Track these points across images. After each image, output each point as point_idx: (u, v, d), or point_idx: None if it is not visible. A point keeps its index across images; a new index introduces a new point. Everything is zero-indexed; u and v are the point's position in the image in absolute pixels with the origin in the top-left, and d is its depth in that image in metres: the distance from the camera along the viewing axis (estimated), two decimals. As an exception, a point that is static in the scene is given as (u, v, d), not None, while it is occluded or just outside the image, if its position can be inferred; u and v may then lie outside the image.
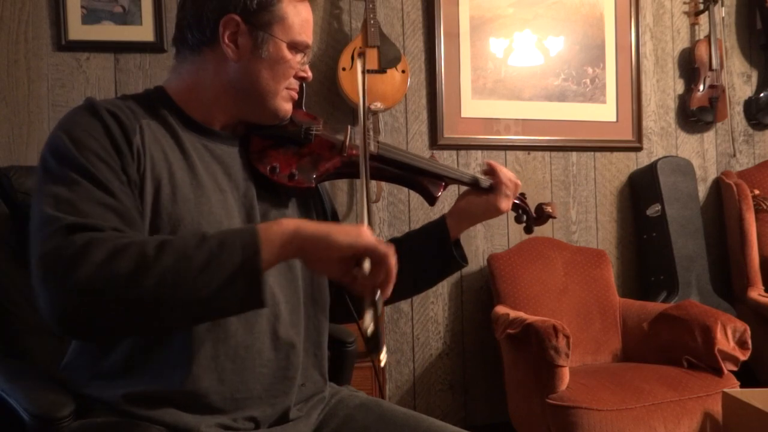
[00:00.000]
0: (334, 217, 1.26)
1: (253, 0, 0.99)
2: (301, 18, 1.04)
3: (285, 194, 1.08)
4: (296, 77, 1.06)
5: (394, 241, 1.23)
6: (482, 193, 1.21)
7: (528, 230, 1.36)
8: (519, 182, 1.24)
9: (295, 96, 1.08)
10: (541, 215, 1.34)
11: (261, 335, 0.98)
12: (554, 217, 1.34)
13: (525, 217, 1.35)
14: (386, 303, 0.94)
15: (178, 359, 0.93)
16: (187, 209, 0.94)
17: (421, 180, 1.18)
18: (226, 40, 1.00)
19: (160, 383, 0.93)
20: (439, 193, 1.19)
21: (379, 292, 0.88)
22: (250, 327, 0.97)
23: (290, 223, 0.86)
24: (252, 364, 0.98)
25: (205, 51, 1.02)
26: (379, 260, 0.85)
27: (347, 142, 1.10)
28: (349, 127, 1.12)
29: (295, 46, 1.03)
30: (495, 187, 1.20)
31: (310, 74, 1.09)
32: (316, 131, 1.10)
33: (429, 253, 1.21)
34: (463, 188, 1.25)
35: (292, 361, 1.02)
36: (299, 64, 1.05)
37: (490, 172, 1.22)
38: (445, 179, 1.20)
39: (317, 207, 1.18)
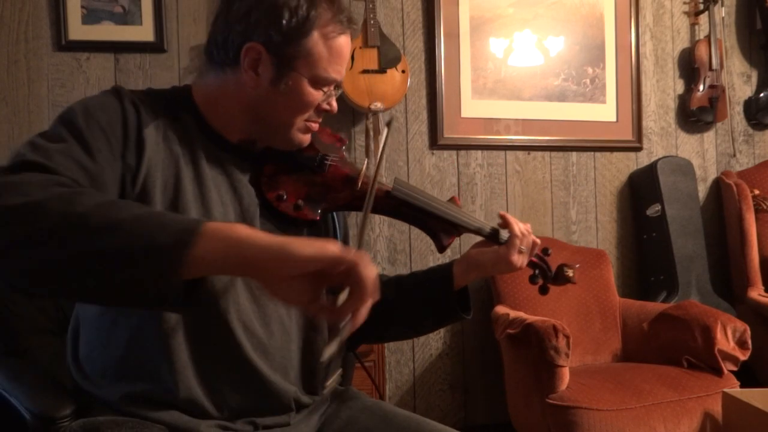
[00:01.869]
0: (345, 242, 1.20)
1: (280, 32, 0.95)
2: (332, 54, 0.99)
3: (288, 223, 1.05)
4: (318, 110, 1.02)
5: (396, 280, 1.20)
6: (494, 245, 1.13)
7: (543, 291, 1.23)
8: (536, 239, 1.15)
9: (315, 128, 1.04)
10: (560, 277, 1.21)
11: (250, 353, 0.96)
12: (573, 283, 1.20)
13: (541, 278, 1.22)
14: (379, 342, 0.88)
15: (170, 368, 0.92)
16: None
17: (434, 226, 1.12)
18: (246, 67, 0.97)
19: (158, 386, 0.93)
20: (449, 242, 1.12)
21: (350, 317, 0.76)
22: (236, 344, 0.95)
23: (243, 229, 0.73)
24: (245, 379, 0.97)
25: (228, 71, 1.00)
26: (352, 278, 0.73)
27: (361, 178, 1.06)
28: (366, 161, 1.10)
29: (319, 82, 0.99)
30: (508, 240, 1.12)
31: (335, 107, 1.04)
32: (331, 162, 1.07)
33: (429, 298, 1.15)
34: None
35: (286, 378, 1.01)
36: (322, 97, 1.01)
37: (502, 223, 1.14)
38: (459, 228, 1.13)
39: (327, 234, 1.13)
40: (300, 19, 0.95)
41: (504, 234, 1.14)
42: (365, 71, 2.51)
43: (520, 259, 1.12)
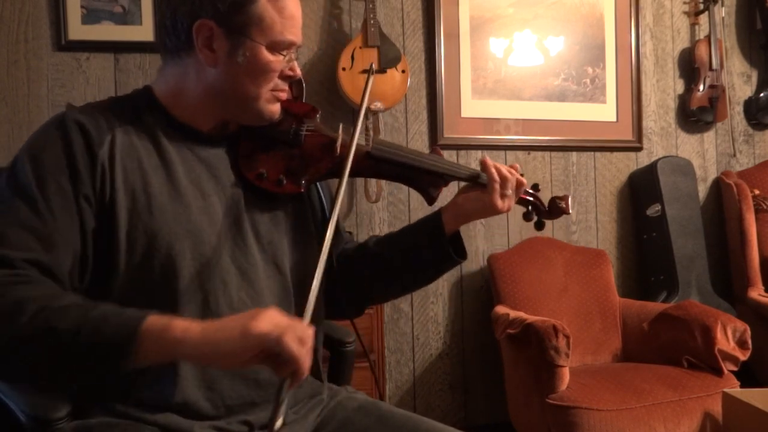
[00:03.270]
0: (332, 209, 1.21)
1: (226, 2, 0.94)
2: (283, 15, 0.97)
3: (275, 199, 1.05)
4: (282, 77, 1.01)
5: (389, 236, 1.21)
6: (479, 190, 1.13)
7: (539, 226, 1.23)
8: (520, 178, 1.15)
9: (283, 96, 1.03)
10: (554, 209, 1.22)
11: None
12: (568, 213, 1.21)
13: (535, 214, 1.23)
14: (386, 300, 0.92)
15: (166, 369, 0.92)
16: (163, 220, 0.93)
17: (419, 179, 1.13)
18: (200, 46, 0.96)
19: (153, 390, 0.93)
20: (437, 193, 1.13)
21: (287, 383, 0.80)
22: None
23: (178, 328, 0.79)
24: (242, 371, 0.97)
25: (183, 56, 0.99)
26: (276, 353, 0.79)
27: (339, 142, 1.07)
28: (341, 125, 1.10)
29: (276, 47, 0.98)
30: (487, 184, 1.12)
31: (298, 72, 1.03)
32: (306, 131, 1.06)
33: (423, 248, 1.15)
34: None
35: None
36: (284, 62, 1.00)
37: (482, 169, 1.14)
38: (445, 177, 1.13)
39: (312, 206, 1.15)
40: None
41: (483, 177, 1.14)
42: (365, 71, 2.51)
43: (505, 203, 1.12)
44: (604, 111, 2.93)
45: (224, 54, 0.97)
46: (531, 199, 1.23)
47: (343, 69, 2.50)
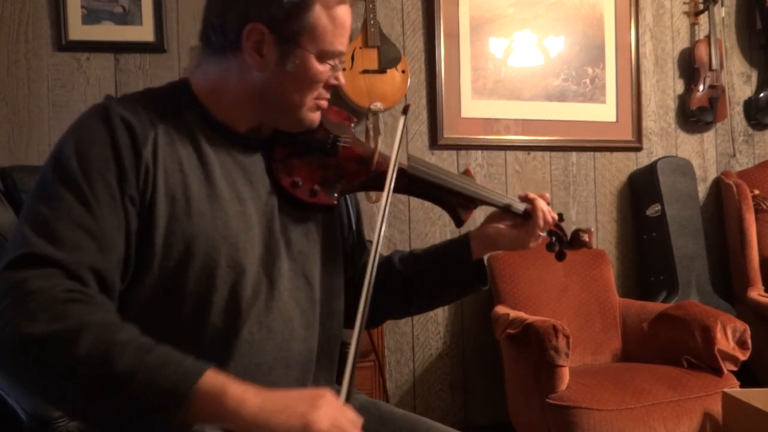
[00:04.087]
0: (358, 220, 1.19)
1: (281, 8, 0.91)
2: (335, 25, 0.95)
3: (306, 209, 1.03)
4: (326, 86, 1.00)
5: (414, 256, 1.19)
6: (514, 224, 1.14)
7: (560, 256, 1.24)
8: (554, 215, 1.16)
9: (324, 105, 1.02)
10: (576, 242, 1.22)
11: (273, 352, 0.96)
12: (589, 247, 1.22)
13: (558, 244, 1.23)
14: (402, 317, 0.90)
15: None
16: (201, 225, 0.91)
17: (451, 201, 1.12)
18: (249, 50, 0.93)
19: None
20: (467, 216, 1.13)
21: None
22: (261, 345, 0.94)
23: (232, 398, 0.74)
24: (262, 381, 0.96)
25: (229, 55, 0.96)
26: None
27: (376, 157, 1.04)
28: (379, 140, 1.09)
29: (326, 56, 0.96)
30: (530, 224, 1.13)
31: (343, 81, 1.02)
32: (344, 143, 1.04)
33: (448, 274, 1.15)
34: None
35: (304, 376, 1.01)
36: (330, 72, 0.98)
37: (527, 201, 1.14)
38: (476, 202, 1.13)
39: (341, 217, 1.13)
40: None
41: (517, 206, 1.14)
42: (365, 71, 2.51)
43: (538, 241, 1.14)
44: (604, 111, 2.93)
45: (273, 60, 0.94)
46: (555, 230, 1.23)
47: (344, 69, 2.49)
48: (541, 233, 1.13)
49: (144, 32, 2.46)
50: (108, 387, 0.73)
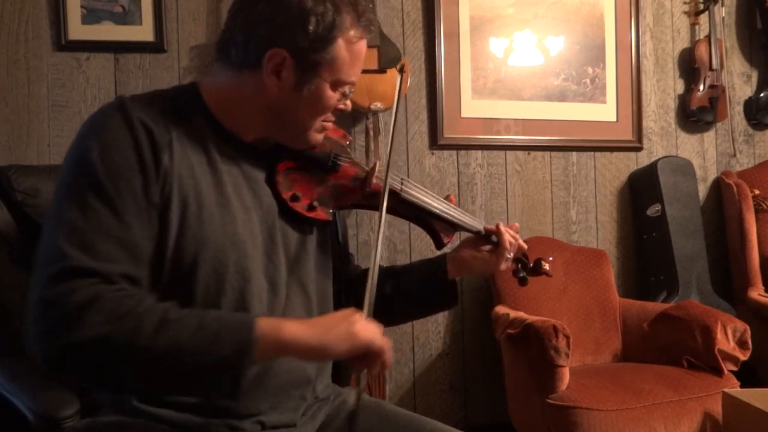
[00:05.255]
0: (344, 238, 1.27)
1: (307, 38, 0.94)
2: (353, 57, 0.99)
3: (303, 222, 1.06)
4: (334, 111, 1.03)
5: (393, 272, 1.24)
6: (486, 249, 1.24)
7: (522, 281, 1.36)
8: (523, 245, 1.27)
9: (329, 127, 1.06)
10: (538, 270, 1.35)
11: (279, 360, 0.97)
12: (549, 276, 1.36)
13: (523, 271, 1.35)
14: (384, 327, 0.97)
15: None
16: (212, 230, 0.92)
17: (435, 225, 1.20)
18: (269, 72, 0.95)
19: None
20: (449, 241, 1.21)
21: (366, 372, 0.93)
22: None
23: (288, 331, 0.85)
24: (263, 381, 0.97)
25: (246, 71, 0.97)
26: (375, 356, 0.90)
27: (373, 178, 1.09)
28: (377, 161, 1.12)
29: (339, 85, 1.00)
30: (498, 249, 1.22)
31: (349, 106, 1.06)
32: (343, 162, 1.08)
33: (423, 292, 1.23)
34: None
35: (304, 376, 1.03)
36: (340, 98, 1.02)
37: (495, 233, 1.23)
38: (458, 228, 1.22)
39: (332, 232, 1.18)
40: (327, 26, 0.94)
41: (495, 238, 1.24)
42: (365, 71, 2.51)
43: (507, 264, 1.25)
44: (604, 111, 2.93)
45: (290, 84, 0.97)
46: (521, 257, 1.35)
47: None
48: (509, 256, 1.23)
49: (144, 32, 2.46)
50: (183, 359, 0.80)
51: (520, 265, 1.34)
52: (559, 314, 2.47)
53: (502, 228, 1.22)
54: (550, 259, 1.39)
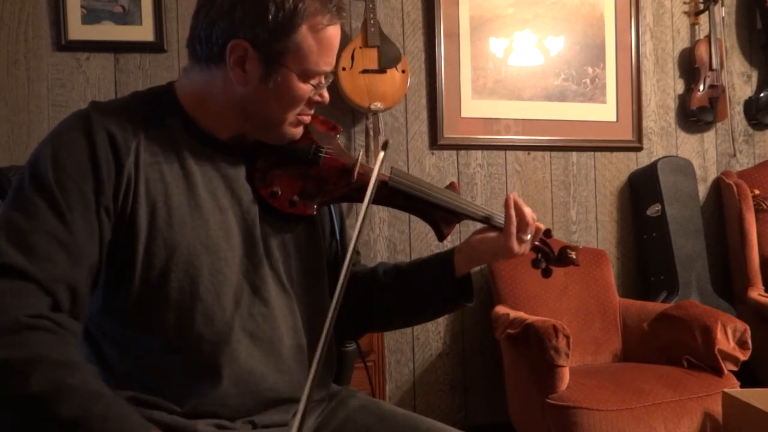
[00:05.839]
0: (342, 230, 1.18)
1: (266, 28, 0.91)
2: (321, 46, 0.95)
3: (286, 219, 1.03)
4: (309, 103, 1.00)
5: (399, 270, 1.18)
6: (495, 232, 1.11)
7: (546, 273, 1.22)
8: (539, 225, 1.12)
9: (307, 120, 1.02)
10: (563, 259, 1.20)
11: (262, 359, 0.98)
12: (576, 265, 1.19)
13: (545, 261, 1.21)
14: (386, 330, 0.90)
15: (182, 382, 0.93)
16: (182, 234, 0.92)
17: (433, 215, 1.11)
18: (232, 64, 0.93)
19: (170, 395, 0.93)
20: (449, 231, 1.11)
21: None
22: (249, 352, 0.96)
23: None
24: (255, 388, 0.97)
25: (212, 66, 0.96)
26: None
27: (357, 168, 1.04)
28: (360, 151, 1.09)
29: (308, 75, 0.96)
30: (504, 226, 1.09)
31: (326, 98, 1.02)
32: (325, 153, 1.04)
33: (431, 289, 1.13)
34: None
35: (295, 385, 1.02)
36: (314, 89, 0.98)
37: (505, 205, 1.10)
38: (458, 215, 1.12)
39: (323, 227, 1.13)
40: (287, 14, 0.91)
41: (498, 218, 1.12)
42: (365, 71, 2.51)
43: (521, 247, 1.09)
44: (604, 111, 2.93)
45: (256, 77, 0.94)
46: (541, 246, 1.21)
47: (343, 69, 2.50)
48: (524, 237, 1.09)
49: (144, 32, 2.46)
50: (48, 430, 0.73)
51: (540, 255, 1.20)
52: (559, 314, 2.47)
53: (511, 199, 1.08)
54: (581, 246, 1.20)
